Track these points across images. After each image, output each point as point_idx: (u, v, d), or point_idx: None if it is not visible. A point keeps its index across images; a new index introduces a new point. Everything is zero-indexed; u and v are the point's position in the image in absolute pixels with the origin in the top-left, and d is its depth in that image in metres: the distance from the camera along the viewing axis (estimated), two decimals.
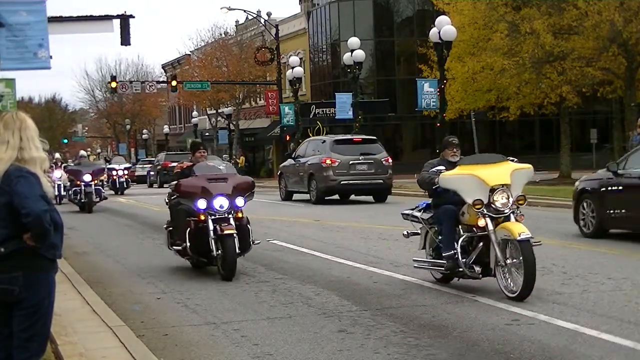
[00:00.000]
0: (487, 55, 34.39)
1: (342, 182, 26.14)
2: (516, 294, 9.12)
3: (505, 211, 9.48)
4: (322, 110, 51.88)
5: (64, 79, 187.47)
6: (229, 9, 53.84)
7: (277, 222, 19.93)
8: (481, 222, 9.43)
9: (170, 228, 12.73)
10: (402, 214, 11.15)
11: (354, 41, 37.30)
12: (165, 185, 37.45)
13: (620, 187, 14.32)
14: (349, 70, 37.61)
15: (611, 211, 14.41)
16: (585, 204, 15.19)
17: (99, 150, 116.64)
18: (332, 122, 49.72)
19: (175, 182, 12.30)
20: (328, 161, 26.20)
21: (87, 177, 25.70)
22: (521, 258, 9.07)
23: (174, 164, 17.89)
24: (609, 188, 14.58)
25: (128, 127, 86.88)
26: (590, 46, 32.09)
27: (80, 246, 16.28)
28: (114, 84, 52.75)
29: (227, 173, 12.22)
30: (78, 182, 25.90)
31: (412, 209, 10.90)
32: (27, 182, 4.98)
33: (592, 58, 32.70)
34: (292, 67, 44.68)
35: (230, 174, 12.25)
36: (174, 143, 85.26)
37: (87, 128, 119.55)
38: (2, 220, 5.01)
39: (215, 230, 11.35)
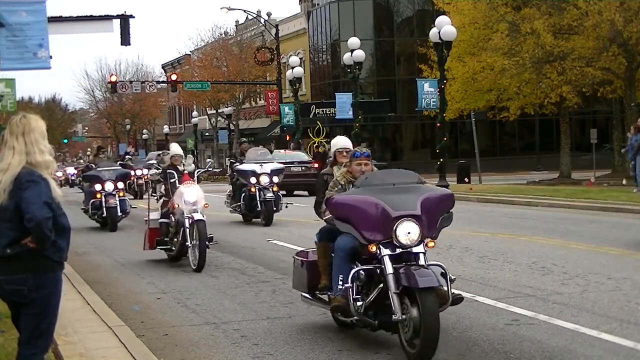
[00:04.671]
0: (488, 55, 34.37)
1: None
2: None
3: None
4: (322, 110, 51.90)
5: (64, 79, 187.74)
6: (229, 8, 53.85)
7: (276, 222, 19.89)
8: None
9: None
10: None
11: (354, 41, 37.29)
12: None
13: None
14: (349, 70, 37.59)
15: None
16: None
17: None
18: (332, 122, 49.73)
19: None
20: None
21: None
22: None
23: None
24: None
25: (128, 127, 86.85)
26: (590, 46, 32.08)
27: (80, 246, 16.27)
28: (114, 78, 53.60)
29: None
30: None
31: None
32: (36, 188, 5.07)
33: (592, 58, 32.69)
34: (292, 67, 44.66)
35: None
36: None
37: (87, 128, 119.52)
38: (12, 222, 5.11)
39: None
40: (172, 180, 13.71)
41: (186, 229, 12.78)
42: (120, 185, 20.14)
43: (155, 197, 24.29)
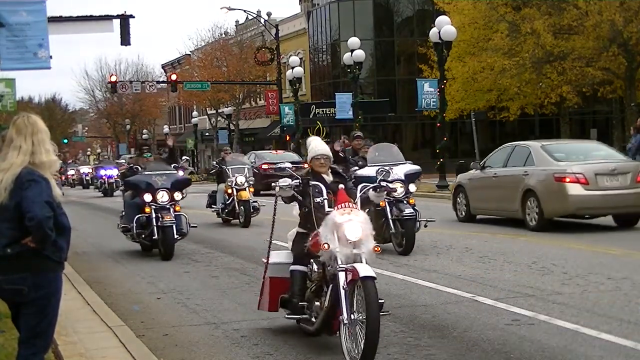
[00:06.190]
0: (488, 55, 34.41)
1: None
2: None
3: None
4: (322, 110, 51.88)
5: (64, 79, 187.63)
6: (229, 9, 53.85)
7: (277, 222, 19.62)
8: None
9: None
10: None
11: (354, 41, 37.30)
12: None
13: None
14: (349, 70, 37.60)
15: None
16: None
17: (99, 151, 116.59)
18: (332, 122, 49.72)
19: None
20: None
21: None
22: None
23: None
24: None
25: (128, 127, 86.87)
26: (590, 46, 32.11)
27: (80, 246, 16.27)
28: (114, 78, 53.82)
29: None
30: None
31: None
32: (36, 187, 5.10)
33: (592, 58, 32.72)
34: (292, 67, 44.67)
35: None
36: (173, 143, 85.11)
37: (87, 128, 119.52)
38: (12, 221, 5.13)
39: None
40: (317, 200, 7.68)
41: (341, 290, 6.79)
42: (178, 196, 14.52)
43: (224, 212, 20.20)
